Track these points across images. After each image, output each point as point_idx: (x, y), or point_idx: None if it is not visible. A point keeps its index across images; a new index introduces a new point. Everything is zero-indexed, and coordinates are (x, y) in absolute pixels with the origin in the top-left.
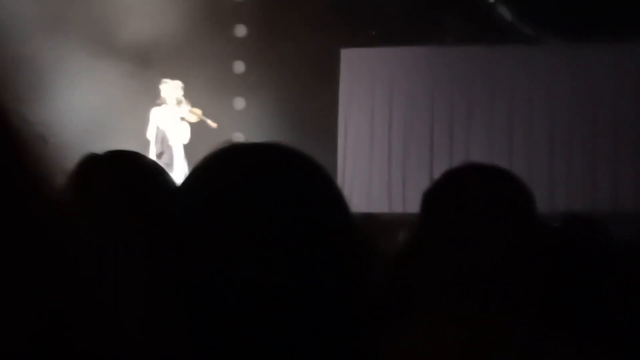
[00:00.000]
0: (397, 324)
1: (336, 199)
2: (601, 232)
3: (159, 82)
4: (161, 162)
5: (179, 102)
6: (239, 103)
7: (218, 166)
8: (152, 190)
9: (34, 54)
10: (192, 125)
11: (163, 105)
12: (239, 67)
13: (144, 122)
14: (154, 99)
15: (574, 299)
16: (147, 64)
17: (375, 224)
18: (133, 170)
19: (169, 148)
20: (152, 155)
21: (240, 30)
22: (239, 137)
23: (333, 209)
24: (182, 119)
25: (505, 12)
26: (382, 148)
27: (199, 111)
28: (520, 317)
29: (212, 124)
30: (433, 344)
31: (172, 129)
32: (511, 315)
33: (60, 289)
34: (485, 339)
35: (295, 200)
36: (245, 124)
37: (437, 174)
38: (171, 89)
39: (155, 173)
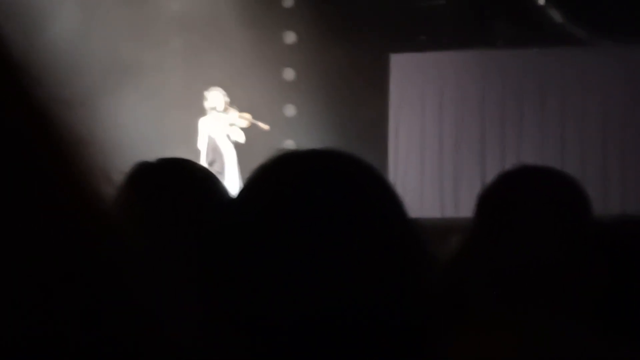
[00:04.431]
0: (454, 329)
1: (395, 203)
2: None
3: (207, 90)
4: (213, 171)
5: (226, 109)
6: (290, 110)
7: (274, 175)
8: (204, 198)
9: (85, 60)
10: (244, 131)
11: (212, 113)
12: (289, 74)
13: (194, 131)
14: (203, 107)
15: (631, 301)
16: (197, 71)
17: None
18: (185, 178)
19: (221, 156)
20: (203, 164)
21: (290, 37)
22: (290, 145)
23: (393, 213)
24: (232, 124)
25: (555, 15)
26: (433, 153)
27: (248, 116)
28: (577, 321)
29: (264, 127)
30: (490, 348)
31: (222, 136)
32: (568, 318)
33: (112, 301)
34: (541, 342)
35: (355, 207)
36: (296, 131)
37: (489, 178)
38: (219, 96)
39: (208, 180)
